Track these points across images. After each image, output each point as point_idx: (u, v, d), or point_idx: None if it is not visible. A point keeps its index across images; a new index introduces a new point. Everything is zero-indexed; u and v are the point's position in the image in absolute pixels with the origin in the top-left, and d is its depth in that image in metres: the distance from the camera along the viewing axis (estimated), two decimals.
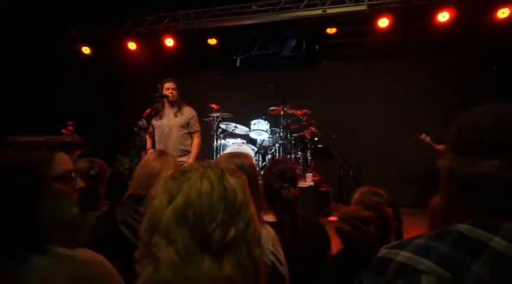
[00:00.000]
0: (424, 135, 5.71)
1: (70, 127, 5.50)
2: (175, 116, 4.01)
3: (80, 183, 1.14)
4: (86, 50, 7.42)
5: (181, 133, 4.01)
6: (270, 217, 1.79)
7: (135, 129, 3.68)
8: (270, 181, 1.85)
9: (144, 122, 3.67)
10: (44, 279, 0.94)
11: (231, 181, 0.78)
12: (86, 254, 1.01)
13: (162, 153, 2.03)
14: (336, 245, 1.88)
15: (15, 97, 6.43)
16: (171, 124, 4.00)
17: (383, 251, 0.72)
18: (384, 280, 0.67)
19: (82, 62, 7.49)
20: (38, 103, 6.70)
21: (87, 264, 0.98)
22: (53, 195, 1.05)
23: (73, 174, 1.14)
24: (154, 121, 4.04)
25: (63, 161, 1.11)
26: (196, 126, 4.10)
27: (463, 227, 0.68)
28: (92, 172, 2.04)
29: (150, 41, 7.24)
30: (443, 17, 5.95)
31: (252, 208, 0.79)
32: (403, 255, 0.67)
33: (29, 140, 5.00)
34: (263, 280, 0.78)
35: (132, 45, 7.29)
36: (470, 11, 5.85)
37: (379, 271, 0.69)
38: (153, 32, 7.14)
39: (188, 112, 4.06)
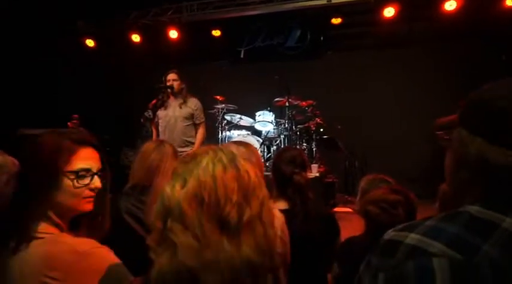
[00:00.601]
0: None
1: (75, 121, 5.52)
2: (180, 107, 4.03)
3: (96, 183, 1.13)
4: (90, 43, 7.42)
5: (185, 124, 4.03)
6: (281, 205, 1.78)
7: (141, 120, 3.70)
8: (281, 167, 1.84)
9: (150, 113, 3.69)
10: (38, 266, 0.95)
11: (243, 162, 0.78)
12: (87, 245, 1.00)
13: (160, 143, 2.00)
14: (345, 234, 1.90)
15: (18, 92, 6.46)
16: (176, 115, 4.03)
17: (390, 233, 0.71)
18: (393, 262, 0.66)
19: (86, 55, 7.49)
20: (42, 97, 6.73)
21: (85, 256, 0.97)
22: (62, 189, 1.06)
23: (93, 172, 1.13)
24: (159, 112, 4.07)
25: (86, 157, 1.11)
26: (201, 118, 4.13)
27: (473, 208, 0.67)
28: None
29: (154, 33, 7.21)
30: (450, 5, 5.86)
31: (265, 189, 0.78)
32: (413, 237, 0.66)
33: (37, 133, 5.04)
34: (278, 260, 0.78)
35: (136, 38, 7.27)
36: None
37: (387, 253, 0.68)
38: (157, 24, 7.12)
39: (193, 104, 4.08)
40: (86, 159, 1.11)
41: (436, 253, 0.62)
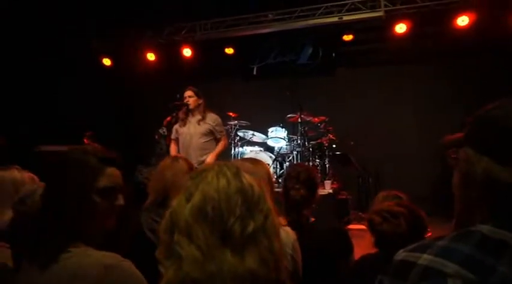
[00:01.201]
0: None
1: (90, 137, 5.63)
2: (198, 124, 4.06)
3: (120, 201, 1.16)
4: (106, 61, 7.63)
5: (204, 140, 4.04)
6: (282, 220, 1.79)
7: (156, 136, 3.76)
8: (285, 183, 1.90)
9: (165, 130, 3.76)
10: (65, 279, 0.99)
11: (247, 176, 0.80)
12: (113, 258, 1.04)
13: (174, 160, 2.04)
14: (359, 252, 1.88)
15: (36, 110, 6.68)
16: (192, 132, 4.06)
17: (402, 254, 0.70)
18: None
19: (102, 73, 7.69)
20: (58, 114, 6.91)
21: (111, 269, 1.00)
22: (89, 206, 1.10)
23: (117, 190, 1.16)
24: (178, 128, 4.14)
25: (111, 175, 1.14)
26: (221, 132, 4.16)
27: (484, 228, 0.67)
28: None
29: (169, 51, 7.38)
30: (462, 21, 5.86)
31: (270, 202, 0.80)
32: (426, 258, 0.66)
33: (55, 150, 5.19)
34: (284, 274, 0.78)
35: (151, 56, 7.45)
36: (490, 14, 5.74)
37: (400, 274, 0.68)
38: (171, 43, 7.29)
39: (212, 119, 4.10)
40: (111, 177, 1.14)
41: (450, 273, 0.62)
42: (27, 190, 1.46)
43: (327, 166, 6.14)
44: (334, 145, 6.17)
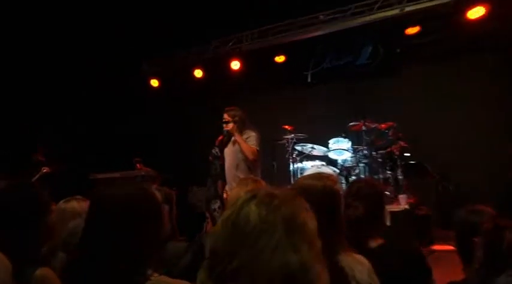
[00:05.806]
0: None
1: (140, 163, 5.82)
2: (233, 145, 4.09)
3: None
4: (154, 82, 7.92)
5: (237, 161, 4.04)
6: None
7: (210, 157, 3.75)
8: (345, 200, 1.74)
9: (217, 150, 3.74)
10: None
11: (252, 209, 0.79)
12: None
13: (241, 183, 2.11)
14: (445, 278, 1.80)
15: (88, 134, 7.06)
16: (230, 151, 4.10)
17: None
18: None
19: (150, 94, 7.97)
20: (107, 137, 7.24)
21: None
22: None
23: None
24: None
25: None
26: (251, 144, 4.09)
27: None
28: None
29: (216, 66, 7.45)
30: None
31: (277, 240, 0.75)
32: None
33: (109, 177, 5.43)
34: None
35: (198, 73, 7.58)
36: None
37: None
38: (219, 57, 7.35)
39: (246, 136, 4.08)
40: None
41: None
42: (70, 229, 1.59)
43: (400, 178, 5.70)
44: (406, 154, 5.73)
